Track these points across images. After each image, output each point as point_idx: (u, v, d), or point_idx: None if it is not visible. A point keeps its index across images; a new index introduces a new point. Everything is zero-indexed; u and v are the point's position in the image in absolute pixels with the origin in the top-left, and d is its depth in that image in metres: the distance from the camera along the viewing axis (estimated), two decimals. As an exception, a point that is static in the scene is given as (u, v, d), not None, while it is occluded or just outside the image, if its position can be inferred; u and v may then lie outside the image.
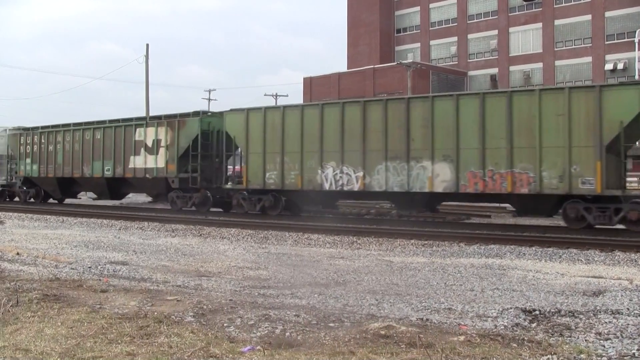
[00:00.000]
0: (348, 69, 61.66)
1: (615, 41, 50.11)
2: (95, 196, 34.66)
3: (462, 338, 6.12)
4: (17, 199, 36.06)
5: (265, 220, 22.54)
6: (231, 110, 25.37)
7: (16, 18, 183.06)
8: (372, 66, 56.80)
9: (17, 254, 13.28)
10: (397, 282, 10.34)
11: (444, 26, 60.21)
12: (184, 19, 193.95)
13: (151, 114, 43.91)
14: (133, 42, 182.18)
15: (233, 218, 23.60)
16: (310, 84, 59.88)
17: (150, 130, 27.66)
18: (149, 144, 27.59)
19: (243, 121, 24.08)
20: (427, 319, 7.16)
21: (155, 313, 7.21)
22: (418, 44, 61.88)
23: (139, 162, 27.93)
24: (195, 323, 6.81)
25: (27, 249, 14.27)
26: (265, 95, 78.20)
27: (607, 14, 50.67)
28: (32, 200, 34.44)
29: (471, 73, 57.60)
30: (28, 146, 33.83)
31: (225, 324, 6.77)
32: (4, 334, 6.46)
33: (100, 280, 9.99)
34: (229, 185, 25.45)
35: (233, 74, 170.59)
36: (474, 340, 6.05)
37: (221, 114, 26.43)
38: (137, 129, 28.22)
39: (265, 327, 6.62)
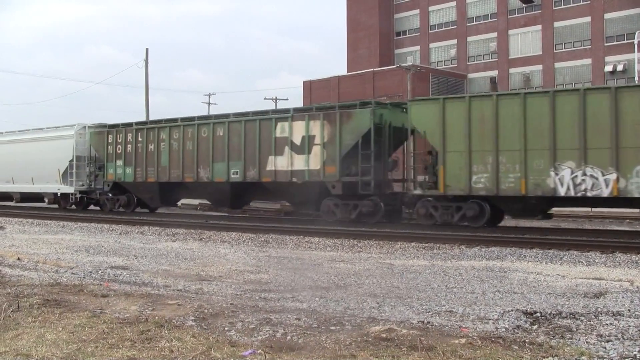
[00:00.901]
0: (348, 72, 61.64)
1: (615, 43, 50.10)
2: (208, 204, 30.83)
3: (463, 341, 6.11)
4: (92, 206, 32.30)
5: (265, 224, 22.51)
6: (417, 99, 22.45)
7: (13, 23, 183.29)
8: (372, 69, 56.80)
9: (18, 259, 13.27)
10: (398, 285, 10.33)
11: (443, 29, 60.22)
12: (181, 23, 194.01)
13: (151, 118, 43.79)
14: (130, 46, 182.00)
15: (233, 222, 23.58)
16: (310, 87, 59.88)
17: (299, 125, 22.89)
18: (297, 141, 22.92)
19: (437, 113, 20.26)
20: (428, 322, 7.16)
21: (156, 317, 7.20)
22: (417, 47, 61.88)
23: (282, 163, 23.08)
24: (196, 327, 6.81)
25: (27, 254, 14.27)
26: (265, 99, 78.14)
27: (607, 15, 50.69)
28: (121, 209, 29.93)
29: (471, 76, 57.60)
30: (119, 146, 28.77)
31: (226, 328, 6.76)
32: (4, 339, 6.45)
33: (101, 285, 9.98)
34: (417, 190, 21.06)
35: (232, 78, 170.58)
36: (475, 343, 6.05)
37: (396, 105, 23.07)
38: (279, 124, 23.27)
39: (266, 331, 6.62)
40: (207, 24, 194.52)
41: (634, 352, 5.85)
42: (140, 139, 28.09)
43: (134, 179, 28.26)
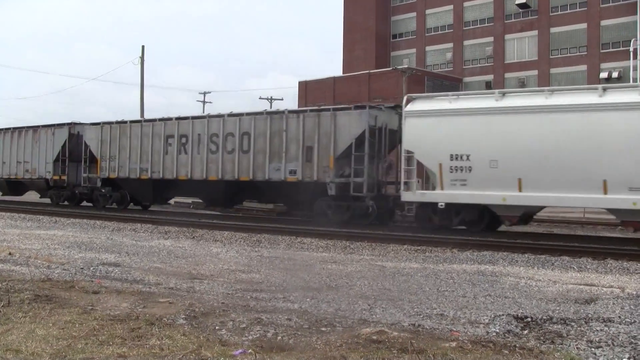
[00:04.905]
0: (343, 73, 61.67)
1: (611, 50, 50.29)
2: None
3: (453, 344, 6.12)
4: None
5: (258, 223, 22.49)
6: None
7: (2, 19, 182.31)
8: (368, 71, 56.84)
9: (9, 254, 13.22)
10: (389, 288, 10.34)
11: (439, 32, 60.33)
12: (171, 21, 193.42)
13: (146, 117, 43.49)
14: (121, 44, 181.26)
15: (226, 221, 23.54)
16: (305, 88, 59.88)
17: None
18: None
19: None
20: (419, 325, 7.16)
21: (147, 315, 7.19)
22: (414, 50, 61.97)
23: None
24: (187, 326, 6.80)
25: (19, 249, 14.22)
26: (260, 98, 77.98)
27: (603, 22, 50.87)
28: None
29: (466, 79, 57.69)
30: None
31: (217, 327, 6.76)
32: (-6, 334, 6.43)
33: (92, 281, 9.96)
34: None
35: (223, 78, 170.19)
36: (466, 347, 6.06)
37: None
38: None
39: (257, 331, 6.61)
40: (198, 22, 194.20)
41: (624, 359, 5.87)
42: None
43: None
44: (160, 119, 27.97)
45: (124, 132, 28.98)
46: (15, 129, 35.55)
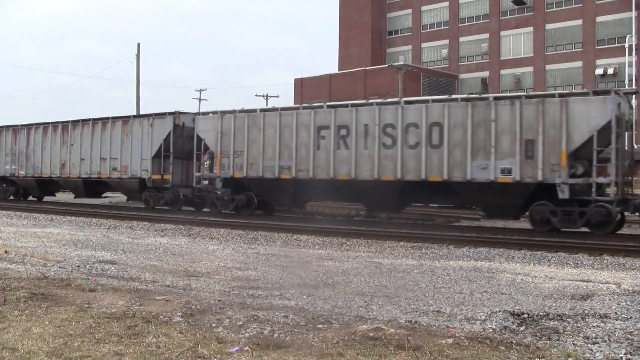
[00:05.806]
0: (339, 70, 61.70)
1: (606, 46, 50.34)
2: None
3: (450, 341, 6.13)
4: None
5: (255, 220, 22.49)
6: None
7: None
8: (364, 68, 56.85)
9: (5, 252, 13.19)
10: (386, 284, 10.34)
11: (435, 29, 60.34)
12: (167, 17, 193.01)
13: (141, 112, 43.24)
14: (115, 40, 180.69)
15: (222, 218, 23.52)
16: (301, 84, 59.88)
17: None
18: None
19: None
20: (416, 322, 7.16)
21: (144, 313, 7.19)
22: (409, 47, 61.97)
23: None
24: (184, 323, 6.79)
25: (15, 247, 14.19)
26: (256, 95, 78.04)
27: (598, 19, 50.91)
28: None
29: (462, 76, 57.73)
30: None
31: (213, 325, 6.75)
32: (-10, 332, 6.41)
33: (88, 279, 9.94)
34: None
35: (218, 74, 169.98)
36: (463, 343, 6.06)
37: None
38: None
39: (254, 328, 6.61)
40: (193, 19, 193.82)
41: (620, 355, 5.88)
42: None
43: None
44: (305, 107, 24.22)
45: (254, 123, 24.41)
46: (97, 119, 30.40)
